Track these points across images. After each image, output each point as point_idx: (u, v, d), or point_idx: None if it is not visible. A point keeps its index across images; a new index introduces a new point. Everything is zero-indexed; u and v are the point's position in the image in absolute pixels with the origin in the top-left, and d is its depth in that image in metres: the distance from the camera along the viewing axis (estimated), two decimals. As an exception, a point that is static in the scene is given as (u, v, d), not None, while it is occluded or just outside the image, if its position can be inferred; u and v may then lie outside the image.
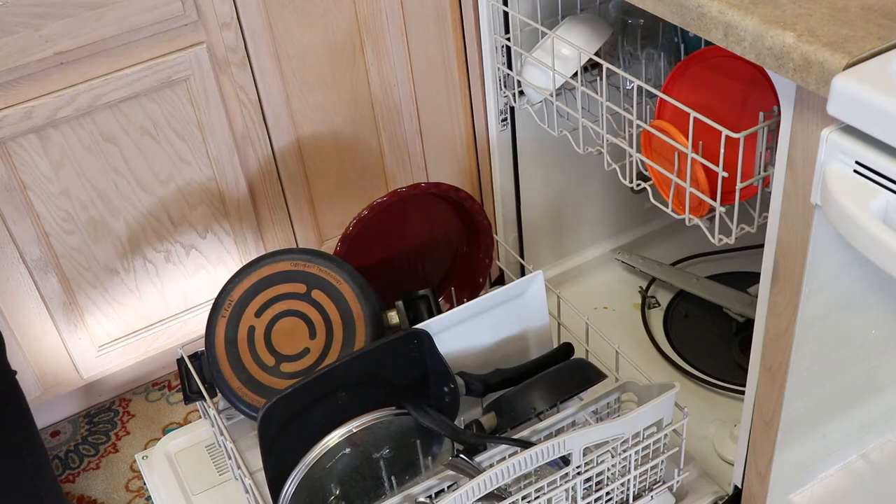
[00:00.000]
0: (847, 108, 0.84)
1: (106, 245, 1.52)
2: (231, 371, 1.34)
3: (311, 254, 1.38)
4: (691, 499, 1.38)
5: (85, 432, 1.73)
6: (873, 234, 0.84)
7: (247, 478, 1.24)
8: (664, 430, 1.26)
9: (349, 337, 1.35)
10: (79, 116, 1.39)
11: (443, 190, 1.44)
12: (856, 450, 1.31)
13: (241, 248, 1.64)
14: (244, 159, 1.56)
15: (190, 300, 1.66)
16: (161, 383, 1.81)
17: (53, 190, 1.43)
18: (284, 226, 1.66)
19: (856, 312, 1.12)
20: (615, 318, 1.75)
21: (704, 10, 0.99)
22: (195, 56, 1.42)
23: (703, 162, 1.16)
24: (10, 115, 1.34)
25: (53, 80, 1.35)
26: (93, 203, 1.47)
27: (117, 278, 1.56)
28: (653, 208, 1.73)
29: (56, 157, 1.41)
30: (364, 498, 1.26)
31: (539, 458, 1.16)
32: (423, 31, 1.59)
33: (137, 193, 1.50)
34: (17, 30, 1.28)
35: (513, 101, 1.55)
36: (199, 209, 1.57)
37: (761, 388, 1.18)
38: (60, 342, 1.57)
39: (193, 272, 1.63)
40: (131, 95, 1.41)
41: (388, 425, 1.24)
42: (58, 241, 1.47)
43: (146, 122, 1.45)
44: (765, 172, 1.15)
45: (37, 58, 1.31)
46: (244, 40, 1.46)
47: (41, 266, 1.47)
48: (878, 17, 0.90)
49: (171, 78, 1.42)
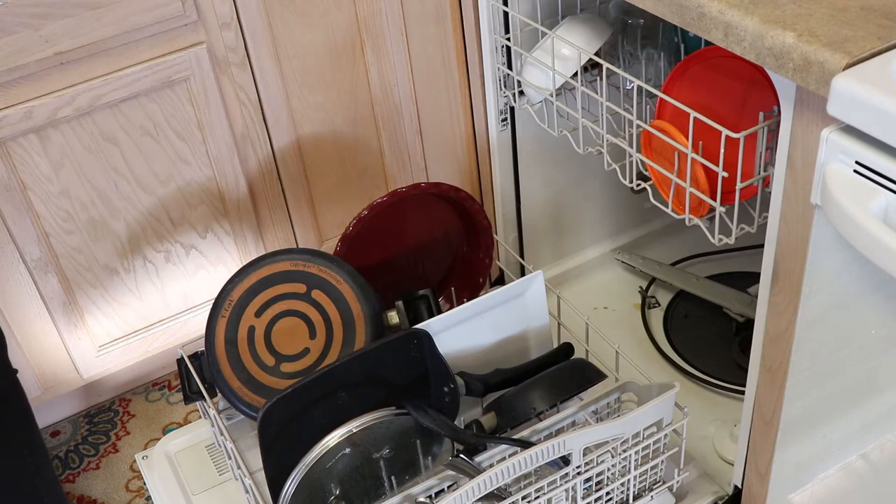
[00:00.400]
0: (847, 108, 0.84)
1: (106, 245, 1.52)
2: (231, 371, 1.34)
3: (311, 254, 1.38)
4: (691, 499, 1.38)
5: (85, 432, 1.73)
6: (873, 234, 0.84)
7: (247, 478, 1.24)
8: (664, 430, 1.26)
9: (349, 337, 1.35)
10: (79, 116, 1.39)
11: (443, 190, 1.44)
12: (856, 450, 1.31)
13: (241, 248, 1.64)
14: (244, 159, 1.56)
15: (190, 300, 1.66)
16: (161, 383, 1.81)
17: (53, 190, 1.43)
18: (284, 226, 1.66)
19: (856, 312, 1.12)
20: (615, 318, 1.75)
21: (704, 10, 0.99)
22: (195, 56, 1.42)
23: (703, 162, 1.16)
24: (10, 115, 1.34)
25: (53, 80, 1.35)
26: (93, 203, 1.47)
27: (117, 278, 1.56)
28: (653, 208, 1.73)
29: (56, 157, 1.41)
30: (364, 498, 1.26)
31: (539, 458, 1.16)
32: (423, 31, 1.59)
33: (137, 193, 1.50)
34: (17, 30, 1.28)
35: (513, 101, 1.55)
36: (199, 209, 1.57)
37: (761, 388, 1.18)
38: (60, 342, 1.57)
39: (193, 272, 1.63)
40: (131, 95, 1.41)
41: (388, 425, 1.24)
42: (58, 241, 1.47)
43: (146, 122, 1.45)
44: (765, 172, 1.15)
45: (37, 58, 1.31)
46: (244, 40, 1.46)
47: (41, 266, 1.47)
48: (878, 17, 0.90)
49: (171, 78, 1.42)
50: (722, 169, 1.13)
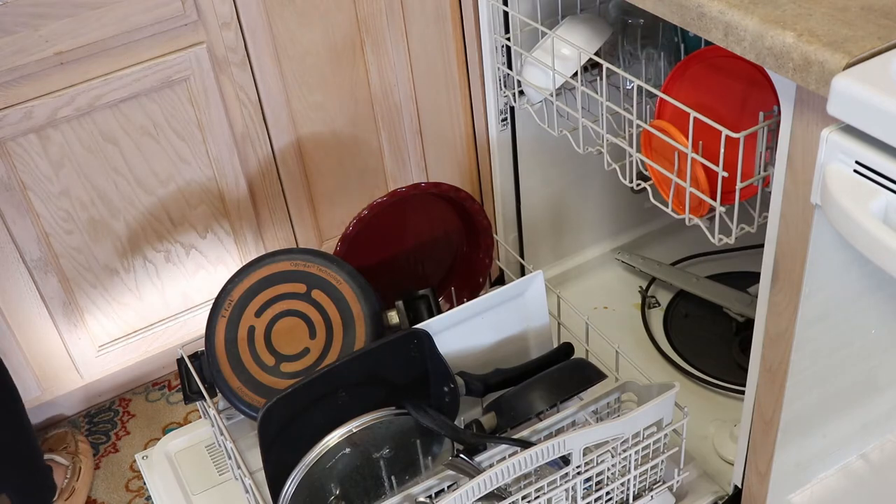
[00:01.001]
0: (847, 108, 0.84)
1: (106, 245, 1.52)
2: (231, 371, 1.34)
3: (311, 254, 1.38)
4: (691, 499, 1.38)
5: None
6: (873, 234, 0.84)
7: (247, 478, 1.24)
8: (664, 430, 1.26)
9: (349, 337, 1.35)
10: (79, 116, 1.39)
11: (443, 190, 1.44)
12: (856, 450, 1.31)
13: (241, 248, 1.64)
14: (244, 159, 1.56)
15: (190, 300, 1.66)
16: (161, 383, 1.81)
17: (53, 190, 1.43)
18: (284, 226, 1.66)
19: (856, 312, 1.12)
20: (615, 318, 1.75)
21: (704, 10, 0.99)
22: (195, 56, 1.42)
23: (703, 162, 1.16)
24: (10, 115, 1.34)
25: (53, 79, 1.35)
26: (93, 203, 1.47)
27: (117, 278, 1.56)
28: (653, 208, 1.73)
29: (56, 157, 1.41)
30: (364, 498, 1.26)
31: (539, 458, 1.16)
32: (423, 31, 1.58)
33: (137, 193, 1.50)
34: (17, 30, 1.28)
35: (513, 100, 1.55)
36: (199, 209, 1.57)
37: (761, 388, 1.18)
38: (60, 342, 1.57)
39: (193, 272, 1.63)
40: (131, 95, 1.41)
41: (388, 425, 1.24)
42: (58, 241, 1.47)
43: (146, 121, 1.45)
44: (765, 172, 1.15)
45: (37, 58, 1.31)
46: (244, 40, 1.46)
47: (41, 266, 1.47)
48: (878, 17, 0.90)
49: (171, 78, 1.42)
50: (722, 169, 1.13)
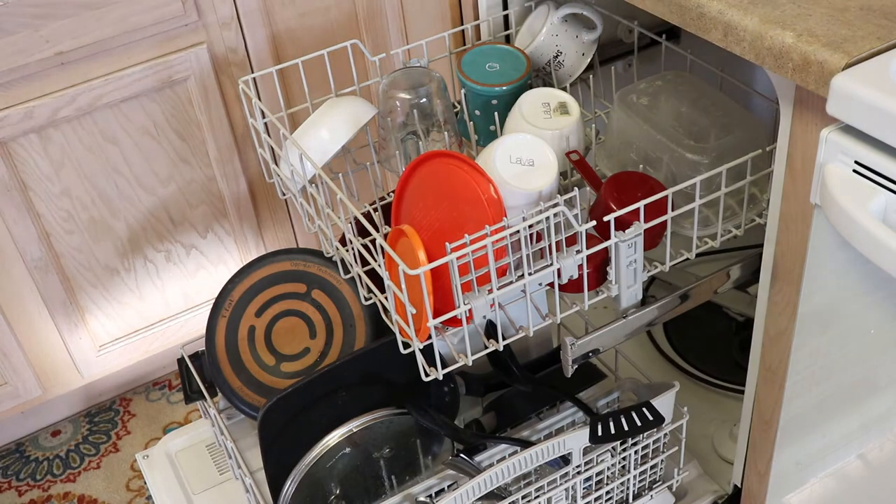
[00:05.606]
0: (846, 108, 0.84)
1: (106, 245, 1.52)
2: (231, 371, 1.34)
3: (311, 254, 1.38)
4: (691, 498, 1.38)
5: (86, 432, 1.73)
6: (873, 234, 0.84)
7: (247, 477, 1.24)
8: (664, 430, 1.26)
9: (349, 337, 1.35)
10: (79, 116, 1.39)
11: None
12: (855, 450, 1.31)
13: (242, 248, 1.64)
14: (245, 159, 1.56)
15: (190, 300, 1.66)
16: (161, 383, 1.81)
17: (54, 190, 1.43)
18: (284, 226, 1.66)
19: (855, 312, 1.12)
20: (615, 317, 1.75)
21: (704, 10, 0.99)
22: (195, 56, 1.43)
23: (397, 292, 0.95)
24: (10, 115, 1.34)
25: (54, 80, 1.35)
26: (93, 203, 1.47)
27: (118, 278, 1.56)
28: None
29: (57, 157, 1.41)
30: (364, 497, 1.27)
31: (539, 457, 1.16)
32: (424, 32, 1.58)
33: (138, 193, 1.50)
34: (18, 30, 1.28)
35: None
36: (199, 209, 1.57)
37: (761, 388, 1.18)
38: (61, 342, 1.57)
39: (194, 272, 1.63)
40: (132, 95, 1.41)
41: (388, 425, 1.24)
42: (58, 241, 1.48)
43: (146, 121, 1.45)
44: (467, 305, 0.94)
45: (37, 58, 1.31)
46: (244, 40, 1.46)
47: (41, 266, 1.48)
48: (878, 17, 0.90)
49: (172, 78, 1.42)
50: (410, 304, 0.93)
